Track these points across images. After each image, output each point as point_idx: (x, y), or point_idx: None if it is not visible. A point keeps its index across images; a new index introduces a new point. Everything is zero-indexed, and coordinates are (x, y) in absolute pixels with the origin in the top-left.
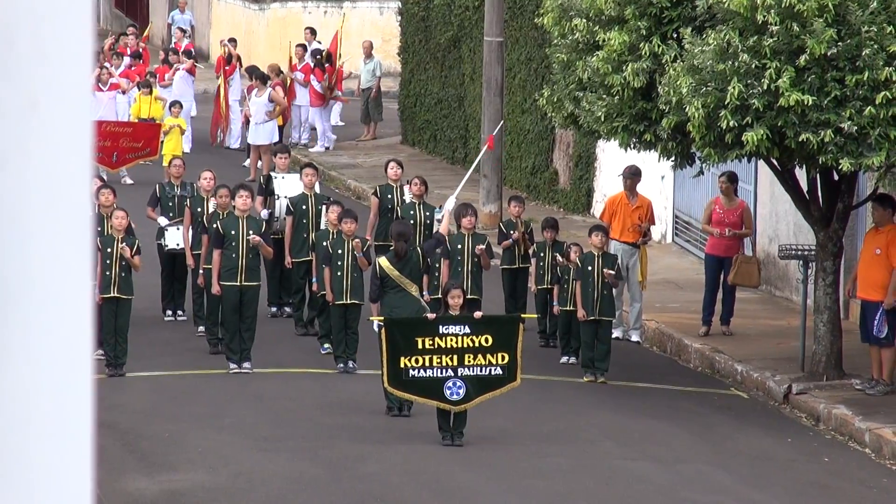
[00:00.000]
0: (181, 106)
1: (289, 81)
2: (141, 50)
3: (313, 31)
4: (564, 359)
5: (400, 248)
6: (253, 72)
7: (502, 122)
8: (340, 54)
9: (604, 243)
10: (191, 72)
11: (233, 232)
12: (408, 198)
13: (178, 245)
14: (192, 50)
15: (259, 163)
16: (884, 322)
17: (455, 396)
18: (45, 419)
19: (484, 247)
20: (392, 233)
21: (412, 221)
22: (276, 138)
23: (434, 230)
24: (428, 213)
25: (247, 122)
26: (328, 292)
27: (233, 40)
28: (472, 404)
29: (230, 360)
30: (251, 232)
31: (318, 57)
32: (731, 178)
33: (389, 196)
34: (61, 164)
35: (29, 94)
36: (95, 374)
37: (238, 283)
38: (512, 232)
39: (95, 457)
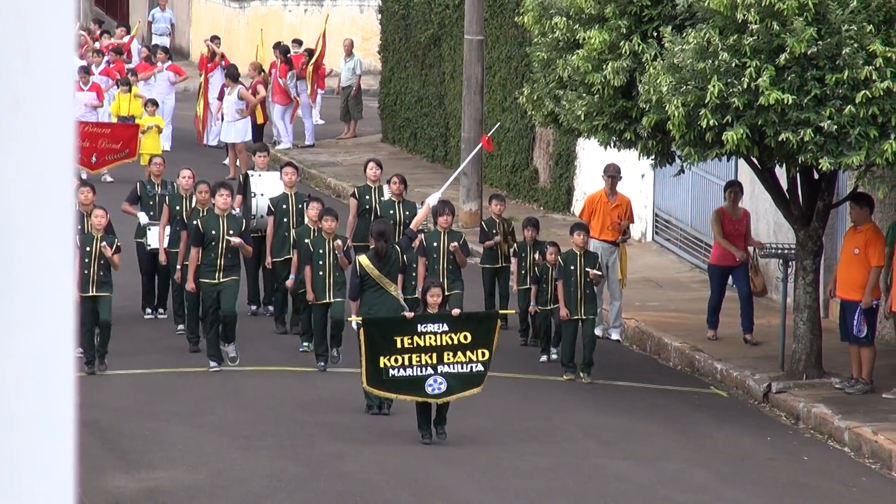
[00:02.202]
0: (157, 104)
1: (271, 80)
2: (122, 48)
3: (214, 38)
4: (544, 358)
5: (380, 247)
6: (225, 69)
7: (498, 123)
8: (321, 53)
9: (585, 242)
10: (178, 73)
11: (213, 231)
12: (387, 196)
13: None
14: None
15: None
16: (862, 321)
17: (437, 391)
18: (27, 418)
19: (459, 243)
20: (372, 231)
21: (392, 220)
22: (249, 136)
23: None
24: (408, 212)
25: (222, 119)
26: (309, 291)
27: (216, 38)
28: (453, 397)
29: (210, 359)
30: (231, 231)
31: (287, 55)
32: (741, 188)
33: (368, 197)
34: (44, 162)
35: (11, 92)
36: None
37: (216, 281)
38: (494, 232)
39: (76, 455)
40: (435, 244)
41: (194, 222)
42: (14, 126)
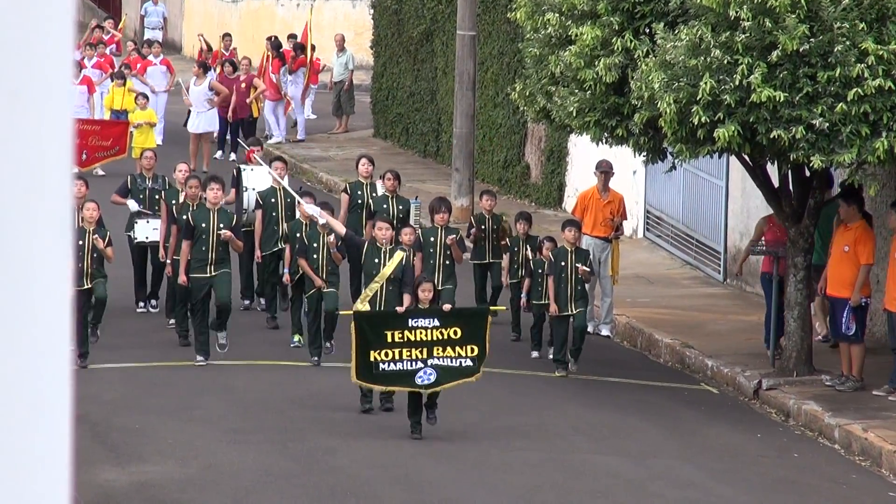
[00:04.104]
0: (147, 98)
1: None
2: (115, 43)
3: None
4: (535, 353)
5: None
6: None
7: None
8: (314, 45)
9: (577, 238)
10: (169, 69)
11: (203, 224)
12: (380, 191)
13: (146, 238)
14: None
15: (224, 154)
16: (851, 319)
17: (427, 381)
18: (22, 413)
19: (455, 237)
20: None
21: (385, 216)
22: (217, 127)
23: (410, 222)
24: (401, 206)
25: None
26: (313, 277)
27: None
28: (442, 387)
29: (198, 353)
30: (222, 225)
31: (279, 49)
32: None
33: (359, 192)
34: (42, 154)
35: (9, 83)
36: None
37: (208, 275)
38: (483, 227)
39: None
40: (431, 239)
41: (184, 216)
42: (11, 117)
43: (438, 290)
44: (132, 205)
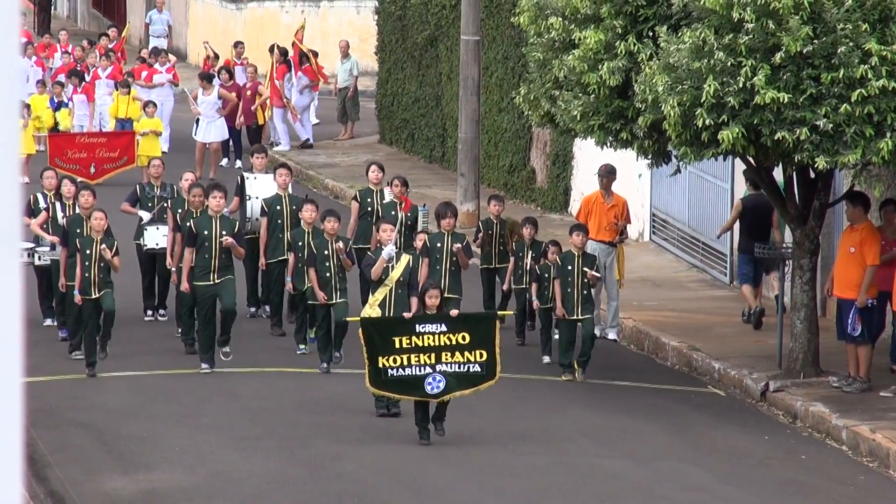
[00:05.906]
0: (155, 106)
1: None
2: (119, 52)
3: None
4: (547, 359)
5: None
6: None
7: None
8: (315, 52)
9: (584, 243)
10: (174, 77)
11: (206, 232)
12: (388, 198)
13: (156, 245)
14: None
15: (230, 161)
16: (857, 320)
17: (435, 390)
18: None
19: (461, 246)
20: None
21: (394, 222)
22: (227, 136)
23: (417, 230)
24: (410, 213)
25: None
26: (318, 293)
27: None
28: (452, 395)
29: (203, 361)
30: (224, 233)
31: (286, 56)
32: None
33: (369, 200)
34: None
35: None
36: (74, 374)
37: (212, 283)
38: (490, 233)
39: (26, 453)
40: (438, 245)
41: (187, 224)
42: None
43: (445, 297)
44: (144, 215)
